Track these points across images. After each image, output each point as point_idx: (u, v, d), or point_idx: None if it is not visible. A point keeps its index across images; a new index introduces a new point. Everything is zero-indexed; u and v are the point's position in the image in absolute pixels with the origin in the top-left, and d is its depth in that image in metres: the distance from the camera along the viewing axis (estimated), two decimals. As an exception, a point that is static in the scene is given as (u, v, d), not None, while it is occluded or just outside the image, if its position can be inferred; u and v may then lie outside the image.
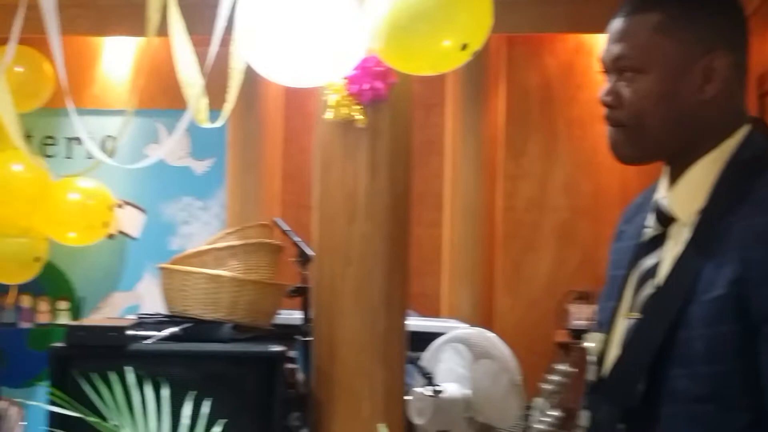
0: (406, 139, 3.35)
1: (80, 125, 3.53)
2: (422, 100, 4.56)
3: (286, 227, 3.52)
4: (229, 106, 3.33)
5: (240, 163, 5.08)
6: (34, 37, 3.58)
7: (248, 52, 2.91)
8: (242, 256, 3.23)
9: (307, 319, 3.37)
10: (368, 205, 3.21)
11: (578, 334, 4.78)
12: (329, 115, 3.22)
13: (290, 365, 3.31)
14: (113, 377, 2.83)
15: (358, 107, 3.18)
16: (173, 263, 3.26)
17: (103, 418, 2.76)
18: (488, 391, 3.53)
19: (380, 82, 3.18)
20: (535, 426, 1.76)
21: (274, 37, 2.77)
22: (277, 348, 3.04)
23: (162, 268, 3.29)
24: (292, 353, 3.35)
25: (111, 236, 5.17)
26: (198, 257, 3.22)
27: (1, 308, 5.22)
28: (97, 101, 5.24)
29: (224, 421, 2.79)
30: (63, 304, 5.24)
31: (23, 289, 5.16)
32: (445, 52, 2.89)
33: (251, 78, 3.38)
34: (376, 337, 3.17)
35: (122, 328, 3.01)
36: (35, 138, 5.18)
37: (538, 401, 1.81)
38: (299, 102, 5.15)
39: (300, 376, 3.41)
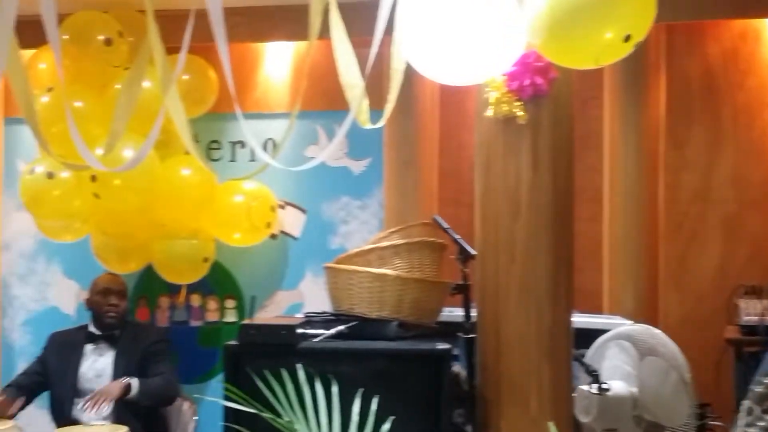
0: (567, 134, 3.32)
1: (247, 130, 3.62)
2: (579, 92, 4.49)
3: (445, 225, 3.53)
4: (390, 106, 3.36)
5: (397, 162, 5.12)
6: (199, 46, 3.71)
7: (409, 52, 2.93)
8: (405, 254, 3.26)
9: (468, 317, 3.38)
10: (531, 201, 3.19)
11: (749, 330, 4.61)
12: (490, 112, 3.21)
13: (454, 362, 3.32)
14: (284, 374, 2.90)
15: (519, 103, 3.16)
16: (338, 262, 3.32)
17: (276, 414, 2.83)
18: (656, 389, 3.45)
19: (541, 78, 3.15)
20: (747, 430, 1.70)
21: (435, 36, 2.78)
22: (443, 346, 3.05)
23: (327, 268, 3.35)
24: (455, 350, 3.36)
25: (274, 236, 5.31)
26: (362, 256, 3.27)
27: (172, 307, 5.43)
28: (259, 105, 5.38)
29: (392, 418, 2.81)
30: (230, 303, 5.41)
31: (193, 288, 5.36)
32: (607, 44, 2.84)
33: (407, 76, 3.41)
34: (541, 334, 3.15)
35: (292, 327, 3.08)
36: (201, 143, 5.36)
37: (746, 404, 1.75)
38: (455, 99, 5.16)
39: (462, 373, 3.42)
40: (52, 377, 4.70)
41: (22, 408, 4.56)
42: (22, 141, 5.51)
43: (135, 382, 4.43)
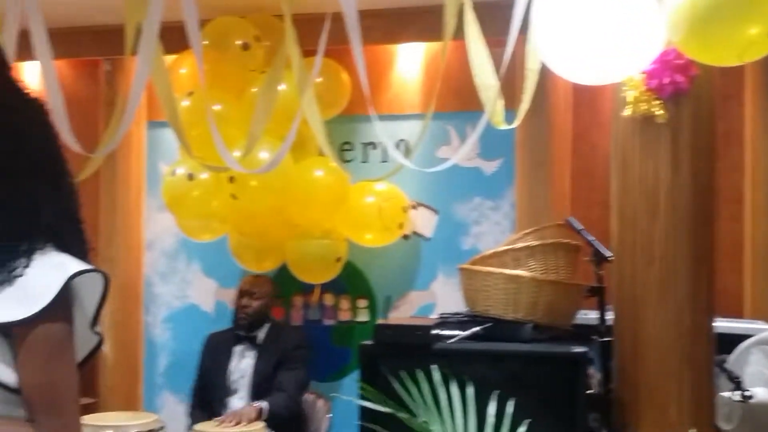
0: (708, 133, 3.23)
1: (382, 131, 3.66)
2: (720, 89, 4.37)
3: (579, 226, 3.49)
4: (524, 106, 3.35)
5: (529, 162, 5.08)
6: (331, 48, 3.77)
7: (545, 51, 2.90)
8: (540, 256, 3.24)
9: (603, 319, 3.32)
10: (670, 202, 3.12)
11: None
12: (627, 111, 3.15)
13: (589, 366, 3.28)
14: (419, 374, 2.91)
15: (658, 102, 3.09)
16: (473, 264, 3.32)
17: (412, 414, 2.84)
18: (803, 396, 3.32)
19: (681, 76, 3.08)
20: None
21: (572, 35, 2.75)
22: (579, 349, 3.01)
23: (462, 269, 3.35)
24: (589, 353, 3.31)
25: (406, 237, 5.33)
26: (497, 258, 3.26)
27: (306, 306, 5.53)
28: (391, 106, 5.42)
29: (528, 420, 2.79)
30: (362, 303, 5.47)
31: (326, 287, 5.43)
32: (751, 40, 2.75)
33: (540, 75, 3.38)
34: (681, 337, 3.07)
35: (427, 327, 3.09)
36: (334, 144, 5.43)
37: None
38: (589, 98, 5.09)
39: (598, 376, 3.37)
40: (205, 376, 4.88)
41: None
42: (164, 144, 5.69)
43: (266, 407, 4.55)
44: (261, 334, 4.91)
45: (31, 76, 5.35)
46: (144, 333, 5.70)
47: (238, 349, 4.89)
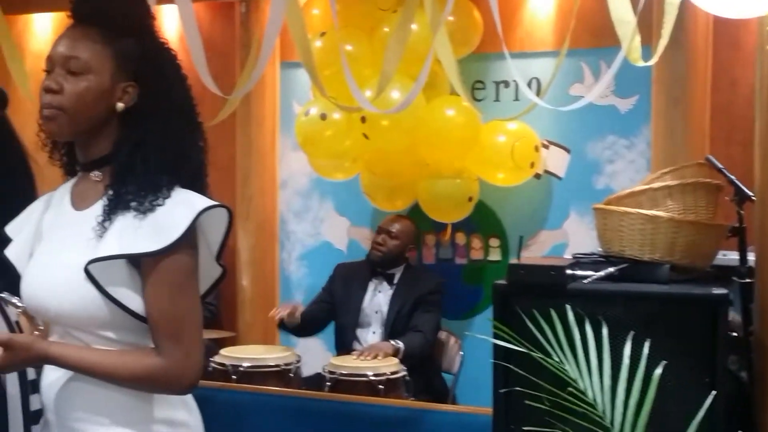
0: None
1: (515, 70, 3.62)
2: None
3: (719, 165, 3.39)
4: (663, 42, 3.25)
5: (665, 99, 4.93)
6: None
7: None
8: (679, 196, 3.16)
9: (744, 261, 3.23)
10: (818, 141, 3.00)
11: None
12: (773, 45, 3.03)
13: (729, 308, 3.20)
14: (553, 314, 2.90)
15: (807, 35, 2.96)
16: (608, 203, 3.27)
17: (546, 354, 2.85)
18: None
19: (832, 7, 2.93)
20: None
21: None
22: (719, 290, 2.94)
23: (597, 209, 3.30)
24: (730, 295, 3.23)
25: (537, 176, 5.29)
26: (633, 197, 3.19)
27: (438, 245, 5.57)
28: (523, 44, 5.35)
29: (665, 362, 2.76)
30: (494, 242, 5.47)
31: (458, 227, 5.46)
32: None
33: (680, 9, 3.28)
34: (827, 281, 2.97)
35: (561, 267, 3.07)
36: (466, 83, 5.39)
37: None
38: (730, 32, 4.90)
39: (737, 318, 3.29)
40: (337, 307, 4.99)
41: (309, 333, 4.88)
42: (297, 84, 5.77)
43: (402, 347, 4.61)
44: (397, 274, 4.98)
45: (170, 19, 5.49)
46: (279, 270, 5.85)
47: (373, 283, 4.98)
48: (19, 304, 3.66)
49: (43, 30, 6.33)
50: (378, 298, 4.95)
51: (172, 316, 1.89)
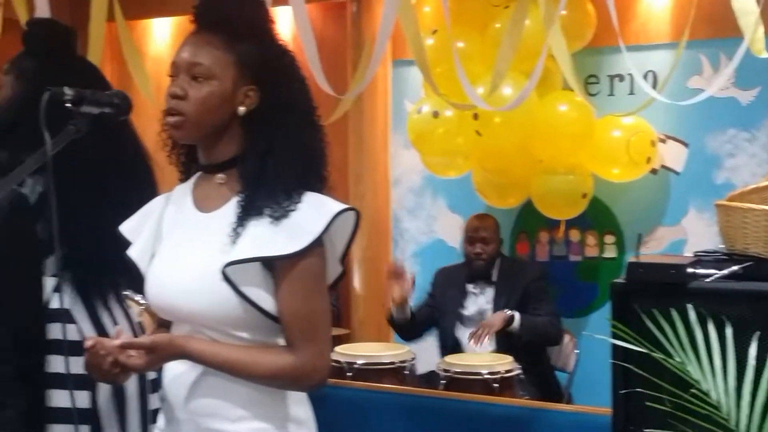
0: None
1: (632, 63, 3.55)
2: None
3: None
4: (788, 32, 3.14)
5: (791, 91, 4.78)
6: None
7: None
8: (806, 191, 3.04)
9: None
10: None
11: None
12: None
13: None
14: (674, 314, 2.83)
15: None
16: (731, 200, 3.17)
17: (666, 354, 2.78)
18: None
19: None
20: None
21: None
22: None
23: (719, 206, 3.21)
24: None
25: (654, 171, 5.18)
26: (758, 193, 3.09)
27: (551, 242, 5.51)
28: (638, 36, 5.24)
29: (792, 364, 2.66)
30: (609, 239, 5.38)
31: (571, 223, 5.39)
32: None
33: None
34: None
35: (682, 266, 2.99)
36: (579, 78, 5.32)
37: None
38: None
39: None
40: (439, 311, 4.98)
41: (417, 335, 4.89)
42: (409, 82, 5.78)
43: (517, 315, 4.56)
44: (494, 271, 4.92)
45: (283, 20, 5.57)
46: (393, 267, 5.86)
47: (472, 285, 4.93)
48: (143, 302, 3.77)
49: (161, 34, 6.49)
50: (480, 300, 4.90)
51: (305, 316, 1.94)
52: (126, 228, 2.17)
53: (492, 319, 4.58)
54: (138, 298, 4.15)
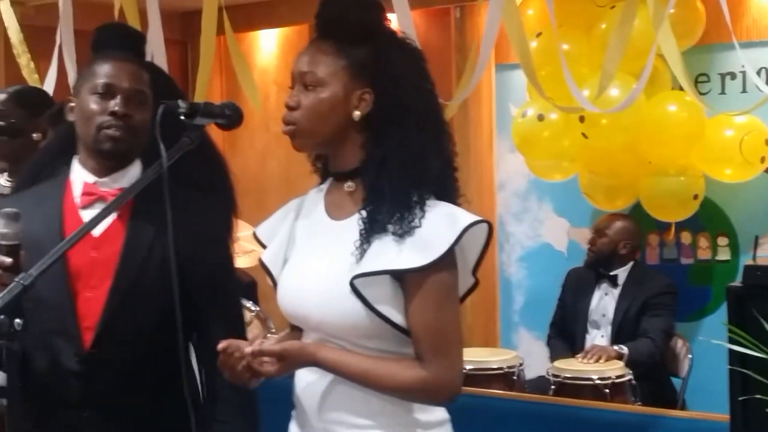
0: None
1: (746, 60, 3.46)
2: None
3: None
4: None
5: None
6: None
7: None
8: None
9: None
10: None
11: None
12: None
13: None
14: (794, 318, 2.75)
15: None
16: None
17: (786, 359, 2.70)
18: None
19: None
20: None
21: None
22: None
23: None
24: None
25: (768, 171, 5.04)
26: None
27: (662, 244, 5.40)
28: (750, 33, 5.10)
29: None
30: (722, 241, 5.25)
31: (682, 225, 5.27)
32: None
33: None
34: None
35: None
36: (689, 77, 5.20)
37: None
38: None
39: None
40: (567, 311, 4.96)
41: None
42: (513, 86, 5.75)
43: (626, 353, 4.51)
44: (622, 274, 4.87)
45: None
46: (499, 272, 5.85)
47: (600, 286, 4.90)
48: (253, 308, 3.82)
49: (268, 46, 6.61)
50: (605, 301, 4.87)
51: (436, 330, 1.91)
52: (261, 231, 2.18)
53: (604, 350, 4.54)
54: (249, 304, 4.25)
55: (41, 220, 2.23)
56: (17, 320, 1.74)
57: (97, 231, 2.20)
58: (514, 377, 4.44)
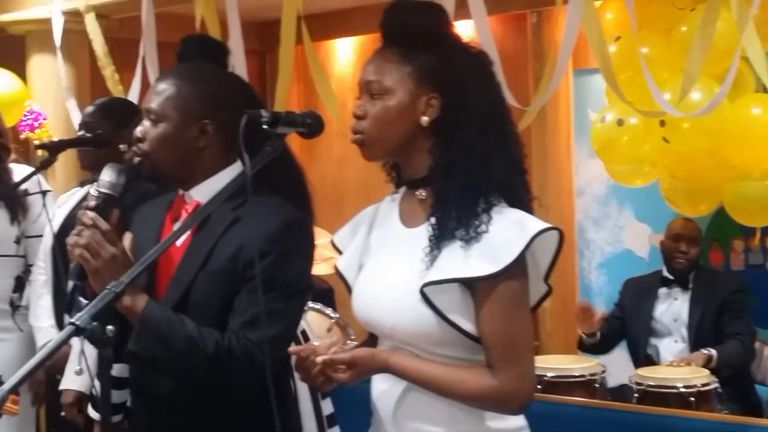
0: None
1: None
2: None
3: None
4: None
5: None
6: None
7: None
8: None
9: None
10: None
11: None
12: None
13: None
14: None
15: None
16: None
17: None
18: None
19: None
20: None
21: None
22: None
23: None
24: None
25: None
26: None
27: (747, 250, 5.30)
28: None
29: None
30: (808, 246, 5.14)
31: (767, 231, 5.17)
32: None
33: None
34: None
35: None
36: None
37: None
38: None
39: None
40: (627, 319, 4.88)
41: (605, 350, 4.81)
42: (591, 91, 5.70)
43: (714, 355, 4.42)
44: (690, 278, 4.78)
45: (464, 34, 5.59)
46: (579, 278, 5.80)
47: (663, 291, 4.80)
48: (333, 315, 3.84)
49: (344, 54, 6.65)
50: (675, 306, 4.77)
51: (507, 338, 1.91)
52: (338, 238, 2.20)
53: (692, 358, 4.46)
54: (328, 311, 4.28)
55: (150, 228, 2.29)
56: (109, 327, 1.77)
57: (180, 242, 2.23)
58: (596, 385, 4.38)
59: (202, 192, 2.24)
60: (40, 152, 3.37)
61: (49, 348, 1.71)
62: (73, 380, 3.26)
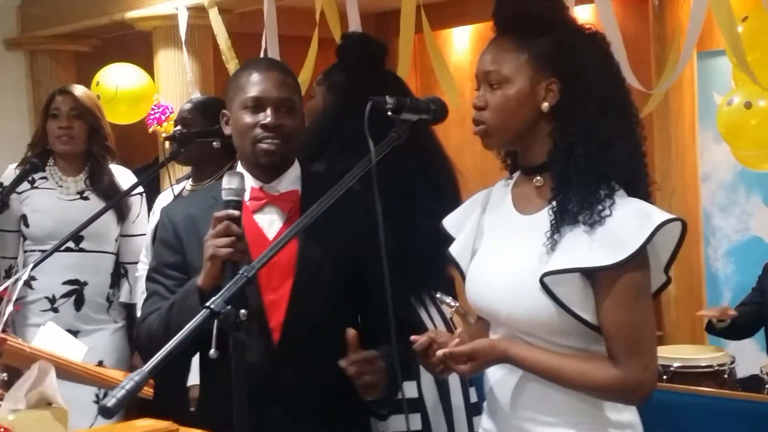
0: None
1: None
2: None
3: None
4: None
5: None
6: None
7: None
8: None
9: None
10: None
11: None
12: None
13: None
14: None
15: None
16: None
17: None
18: None
19: None
20: None
21: None
22: None
23: None
24: None
25: None
26: None
27: None
28: None
29: None
30: None
31: None
32: None
33: None
34: None
35: None
36: None
37: None
38: None
39: None
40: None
41: (739, 336, 4.68)
42: (716, 74, 5.55)
43: None
44: None
45: (586, 18, 5.52)
46: (705, 267, 5.65)
47: None
48: (453, 303, 3.85)
49: (461, 43, 6.64)
50: None
51: (629, 329, 1.88)
52: (448, 223, 2.20)
53: None
54: (449, 300, 4.27)
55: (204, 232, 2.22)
56: (242, 311, 1.81)
57: (271, 234, 2.27)
58: (725, 375, 4.28)
59: (292, 181, 2.32)
60: (167, 144, 3.45)
61: (184, 332, 1.75)
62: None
